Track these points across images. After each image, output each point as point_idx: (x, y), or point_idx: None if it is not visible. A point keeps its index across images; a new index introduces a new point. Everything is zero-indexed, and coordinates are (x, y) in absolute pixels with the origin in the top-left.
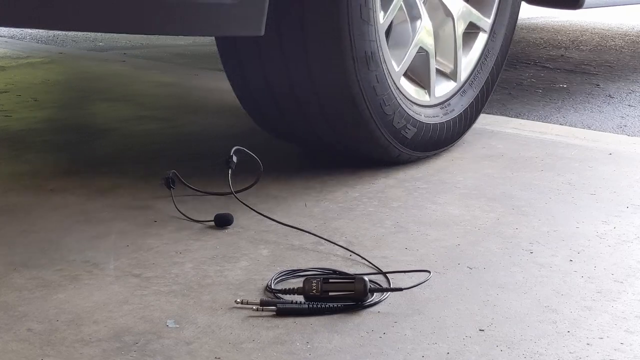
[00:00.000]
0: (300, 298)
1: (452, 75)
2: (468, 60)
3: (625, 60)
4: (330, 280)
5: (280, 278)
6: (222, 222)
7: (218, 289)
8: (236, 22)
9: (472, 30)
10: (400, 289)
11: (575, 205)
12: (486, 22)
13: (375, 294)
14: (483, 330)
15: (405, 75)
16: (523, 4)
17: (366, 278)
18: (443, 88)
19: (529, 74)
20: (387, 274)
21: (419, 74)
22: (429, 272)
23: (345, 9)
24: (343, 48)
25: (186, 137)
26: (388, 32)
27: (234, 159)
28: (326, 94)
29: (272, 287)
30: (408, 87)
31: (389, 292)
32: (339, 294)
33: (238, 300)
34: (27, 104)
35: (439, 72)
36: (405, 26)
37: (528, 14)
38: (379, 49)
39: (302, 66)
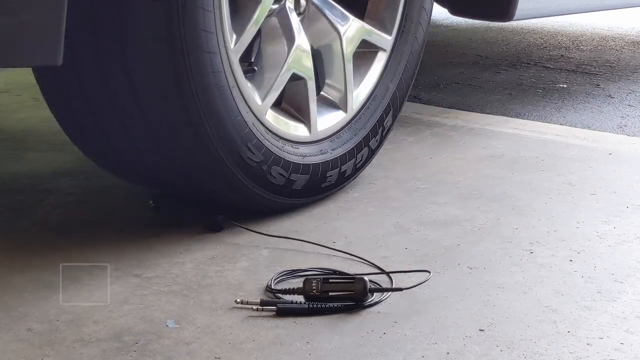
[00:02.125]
0: (300, 298)
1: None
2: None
3: (626, 61)
4: (330, 281)
5: (280, 278)
6: (214, 227)
7: (218, 289)
8: (15, 50)
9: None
10: (400, 289)
11: (575, 205)
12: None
13: (375, 294)
14: (483, 330)
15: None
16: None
17: (366, 278)
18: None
19: (529, 74)
20: (389, 274)
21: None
22: (429, 272)
23: (179, 40)
24: (179, 81)
25: None
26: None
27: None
28: (161, 137)
29: (272, 287)
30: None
31: (389, 292)
32: (339, 294)
33: (238, 300)
34: (27, 104)
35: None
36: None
37: None
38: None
39: (129, 98)
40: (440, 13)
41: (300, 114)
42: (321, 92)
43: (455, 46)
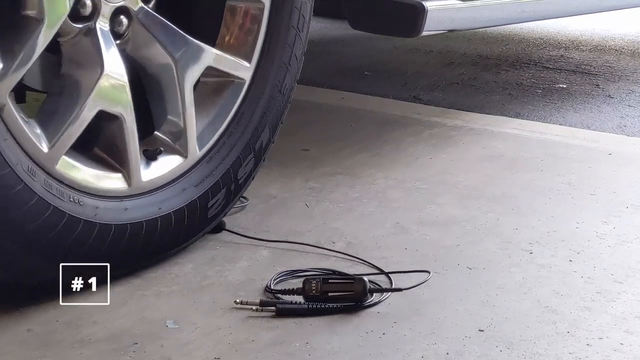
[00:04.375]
0: (299, 298)
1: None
2: None
3: (626, 61)
4: (330, 281)
5: (280, 278)
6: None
7: (218, 289)
8: None
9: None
10: (400, 290)
11: (575, 205)
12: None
13: (374, 294)
14: (483, 331)
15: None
16: None
17: (365, 278)
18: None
19: (529, 74)
20: (389, 274)
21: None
22: (428, 272)
23: None
24: None
25: None
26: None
27: None
28: None
29: (272, 287)
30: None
31: (389, 293)
32: (338, 295)
33: (238, 300)
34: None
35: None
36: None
37: None
38: None
39: None
40: None
41: None
42: None
43: (455, 46)
